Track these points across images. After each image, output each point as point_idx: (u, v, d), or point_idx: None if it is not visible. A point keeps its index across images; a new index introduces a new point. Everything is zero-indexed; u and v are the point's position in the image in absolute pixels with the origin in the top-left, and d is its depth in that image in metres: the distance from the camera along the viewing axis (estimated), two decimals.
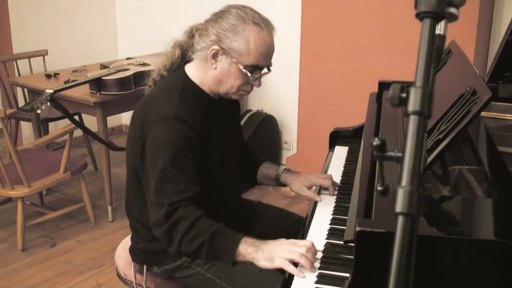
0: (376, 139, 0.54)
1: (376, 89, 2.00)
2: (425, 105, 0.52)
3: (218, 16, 1.39)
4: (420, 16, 0.56)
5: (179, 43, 1.47)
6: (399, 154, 0.53)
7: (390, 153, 0.55)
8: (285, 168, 1.65)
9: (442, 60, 1.64)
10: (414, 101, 0.52)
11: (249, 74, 1.37)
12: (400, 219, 0.50)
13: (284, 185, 1.64)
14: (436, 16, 0.56)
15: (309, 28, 3.09)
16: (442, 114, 1.18)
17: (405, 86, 0.54)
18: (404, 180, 0.50)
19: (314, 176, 1.62)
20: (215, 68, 1.39)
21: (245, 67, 1.36)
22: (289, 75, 3.46)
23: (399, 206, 0.49)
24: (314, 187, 1.63)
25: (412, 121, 0.52)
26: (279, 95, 3.60)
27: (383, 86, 2.00)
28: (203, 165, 1.39)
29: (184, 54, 1.47)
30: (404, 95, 0.53)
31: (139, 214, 1.50)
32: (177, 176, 1.31)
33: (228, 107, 1.55)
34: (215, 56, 1.37)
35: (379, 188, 0.59)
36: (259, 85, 1.42)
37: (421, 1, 0.56)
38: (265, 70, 1.42)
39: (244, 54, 1.34)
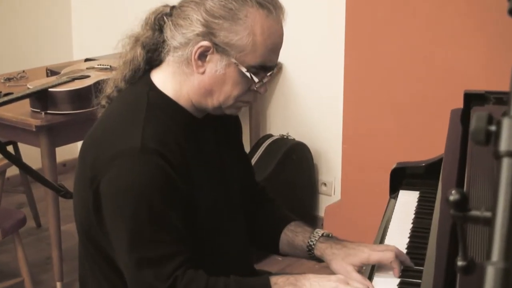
0: (453, 192, 0.56)
1: (460, 104, 2.02)
2: None
3: None
4: None
5: (141, 39, 1.48)
6: (488, 214, 0.55)
7: (474, 213, 0.57)
8: (322, 234, 1.62)
9: None
10: (508, 137, 0.54)
11: (255, 79, 1.42)
12: None
13: (320, 260, 1.61)
14: None
15: (356, 17, 3.13)
16: None
17: (495, 116, 0.56)
18: (496, 253, 0.52)
19: (366, 248, 1.55)
20: (202, 73, 1.42)
21: (249, 69, 1.41)
22: (328, 83, 3.49)
23: None
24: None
25: (507, 166, 0.54)
26: (313, 113, 3.63)
27: (472, 98, 2.00)
28: (188, 217, 1.42)
29: (148, 55, 1.49)
30: (493, 128, 0.55)
31: None
32: (159, 235, 1.37)
33: (219, 128, 1.59)
34: (202, 55, 1.41)
35: (459, 263, 0.60)
36: (265, 91, 1.47)
37: None
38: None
39: (248, 51, 1.39)
